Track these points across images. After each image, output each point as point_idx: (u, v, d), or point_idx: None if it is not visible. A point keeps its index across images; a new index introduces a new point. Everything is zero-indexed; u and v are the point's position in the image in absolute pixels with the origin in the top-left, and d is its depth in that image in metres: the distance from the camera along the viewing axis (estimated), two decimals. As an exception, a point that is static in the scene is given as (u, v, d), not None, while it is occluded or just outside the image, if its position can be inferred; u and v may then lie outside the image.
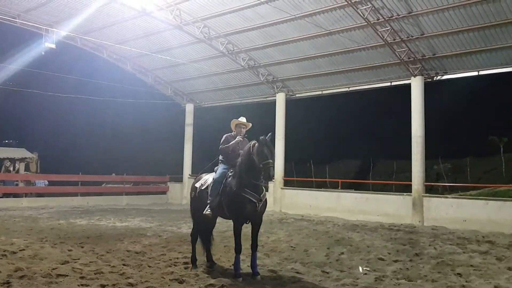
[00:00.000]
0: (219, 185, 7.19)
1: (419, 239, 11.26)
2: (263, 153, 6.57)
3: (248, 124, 7.67)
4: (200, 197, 7.59)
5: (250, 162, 6.73)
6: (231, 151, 7.37)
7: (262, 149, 6.60)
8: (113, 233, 11.46)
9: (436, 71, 15.80)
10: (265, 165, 6.54)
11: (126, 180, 23.49)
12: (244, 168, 6.81)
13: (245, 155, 6.88)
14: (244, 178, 6.81)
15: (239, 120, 7.64)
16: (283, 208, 18.57)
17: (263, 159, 6.55)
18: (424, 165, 15.66)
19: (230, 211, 7.05)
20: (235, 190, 6.85)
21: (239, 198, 6.79)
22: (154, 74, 22.64)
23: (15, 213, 16.00)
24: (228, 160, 7.40)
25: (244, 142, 7.43)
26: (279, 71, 19.21)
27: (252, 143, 6.80)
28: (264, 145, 6.63)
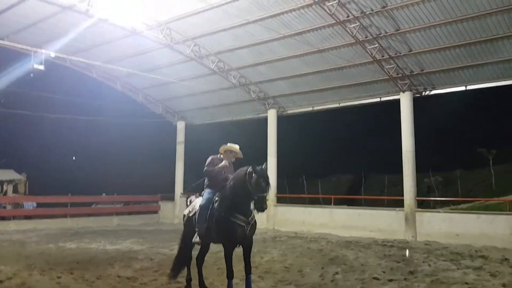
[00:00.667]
0: (205, 211, 7.08)
1: (413, 255, 11.24)
2: (261, 185, 6.39)
3: (239, 152, 7.48)
4: (189, 224, 7.50)
5: (243, 190, 6.53)
6: (215, 174, 7.23)
7: (259, 181, 6.40)
8: (104, 257, 11.24)
9: (424, 87, 15.97)
10: (260, 198, 6.39)
11: (116, 200, 23.21)
12: (235, 194, 6.64)
13: (238, 181, 6.65)
14: (233, 203, 6.67)
15: (230, 146, 7.45)
16: (276, 225, 18.46)
17: (260, 192, 6.40)
18: (415, 180, 15.70)
19: (219, 237, 6.91)
20: (223, 215, 6.72)
21: (227, 223, 6.65)
22: (144, 92, 22.57)
23: (2, 237, 15.68)
24: (213, 184, 7.28)
25: (230, 168, 7.35)
26: (270, 88, 19.27)
27: (248, 171, 6.54)
28: (261, 176, 6.44)
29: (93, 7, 14.43)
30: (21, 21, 16.06)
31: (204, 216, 7.06)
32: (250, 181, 6.44)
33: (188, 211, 7.61)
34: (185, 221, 7.63)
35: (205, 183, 7.48)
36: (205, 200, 7.22)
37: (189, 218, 7.51)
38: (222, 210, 6.75)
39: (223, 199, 6.83)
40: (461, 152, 24.55)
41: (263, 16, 14.42)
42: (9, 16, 15.52)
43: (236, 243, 6.80)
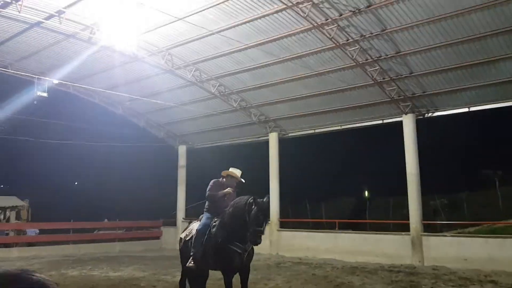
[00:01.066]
0: (202, 236, 7.00)
1: (421, 281, 11.00)
2: (259, 218, 6.32)
3: (241, 180, 7.43)
4: (185, 248, 7.40)
5: (241, 219, 6.46)
6: (218, 199, 7.17)
7: (258, 214, 6.33)
8: (106, 285, 11.10)
9: (427, 108, 15.91)
10: (256, 231, 6.31)
11: (118, 226, 23.03)
12: (233, 222, 6.57)
13: (237, 209, 6.59)
14: (231, 230, 6.61)
15: (232, 172, 7.42)
16: (280, 250, 18.18)
17: (256, 225, 6.32)
18: (421, 203, 15.49)
19: (216, 263, 6.85)
20: (220, 242, 6.65)
21: (225, 250, 6.60)
22: (146, 117, 22.63)
23: (5, 264, 15.45)
24: (214, 209, 7.21)
25: (233, 196, 7.28)
26: (271, 111, 19.28)
27: (249, 201, 6.48)
28: (261, 210, 6.37)
29: (95, 35, 14.57)
30: (25, 49, 16.26)
31: (201, 241, 6.97)
32: (249, 213, 6.38)
33: (184, 234, 7.54)
34: (182, 245, 7.53)
35: (206, 207, 7.41)
36: (202, 225, 7.15)
37: (185, 242, 7.42)
38: (220, 236, 6.68)
39: (222, 225, 6.77)
40: (466, 174, 24.35)
41: (263, 40, 14.49)
42: (12, 44, 15.70)
43: (234, 270, 6.76)
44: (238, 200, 6.74)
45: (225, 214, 6.80)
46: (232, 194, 7.29)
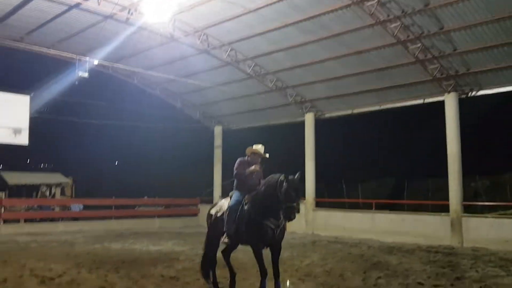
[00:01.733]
0: (234, 213, 7.19)
1: (460, 261, 10.84)
2: (290, 195, 6.47)
3: (265, 155, 7.58)
4: (215, 224, 7.60)
5: (273, 197, 6.64)
6: (245, 177, 7.35)
7: (289, 190, 6.48)
8: (147, 257, 11.50)
9: (470, 87, 15.39)
10: (289, 207, 6.47)
11: (158, 203, 23.72)
12: (266, 199, 6.76)
13: (269, 187, 6.78)
14: (264, 207, 6.79)
15: (256, 149, 7.54)
16: (315, 230, 18.26)
17: (289, 201, 6.47)
18: (461, 184, 15.13)
19: (248, 238, 7.05)
20: (254, 217, 6.85)
21: (258, 225, 6.79)
22: (182, 98, 22.95)
23: (51, 237, 16.29)
24: (242, 186, 7.39)
25: (260, 172, 7.46)
26: (307, 92, 19.15)
27: (280, 179, 6.65)
28: (292, 186, 6.51)
29: (132, 15, 14.81)
30: (65, 30, 16.63)
31: (233, 217, 7.16)
32: (281, 190, 6.55)
33: (215, 210, 7.71)
34: (212, 220, 7.72)
35: (234, 185, 7.59)
36: (234, 201, 7.31)
37: (216, 218, 7.62)
38: (253, 213, 6.87)
39: (255, 202, 6.96)
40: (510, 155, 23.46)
41: (300, 18, 14.33)
42: (54, 25, 16.10)
43: (265, 244, 6.96)
44: (270, 178, 6.92)
45: (258, 192, 7.00)
46: (259, 171, 7.46)
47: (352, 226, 17.07)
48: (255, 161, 7.46)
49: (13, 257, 11.13)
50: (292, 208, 6.45)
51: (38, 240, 15.45)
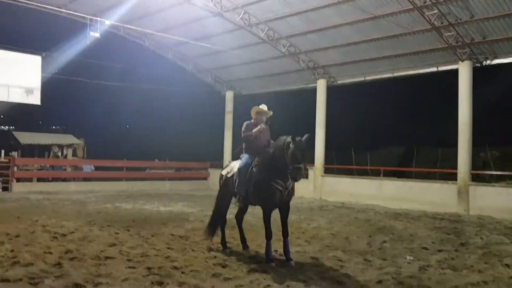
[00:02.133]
0: (244, 175, 7.33)
1: (465, 228, 10.97)
2: (296, 156, 6.52)
3: (270, 112, 7.67)
4: (226, 184, 7.80)
5: (281, 158, 6.72)
6: (253, 139, 7.45)
7: (295, 152, 6.53)
8: (157, 217, 11.77)
9: (485, 56, 15.15)
10: (295, 168, 6.53)
11: (168, 166, 24.03)
12: (274, 161, 6.86)
13: (277, 149, 6.87)
14: (272, 169, 6.89)
15: (260, 107, 7.65)
16: (323, 195, 18.48)
17: (295, 162, 6.53)
18: (471, 153, 15.15)
19: (257, 200, 7.21)
20: (262, 179, 6.98)
21: (266, 187, 6.91)
22: (194, 62, 22.86)
23: (64, 196, 16.70)
24: (251, 149, 7.50)
25: (267, 132, 7.57)
26: (320, 57, 18.97)
27: (287, 141, 6.71)
28: (298, 148, 6.56)
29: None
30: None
31: (244, 179, 7.31)
32: (287, 151, 6.62)
33: (226, 171, 7.89)
34: (223, 181, 7.92)
35: (243, 148, 7.69)
36: (243, 164, 7.45)
37: (227, 178, 7.80)
38: (262, 175, 7.00)
39: (263, 164, 7.07)
40: (521, 126, 23.25)
41: (315, -18, 14.09)
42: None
43: (274, 206, 7.09)
44: (277, 141, 7.02)
45: (266, 154, 7.11)
46: (266, 131, 7.59)
47: (359, 193, 17.24)
48: (260, 121, 7.55)
49: (26, 214, 11.42)
50: (299, 169, 6.52)
51: (50, 198, 15.85)
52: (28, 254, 6.90)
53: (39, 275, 5.74)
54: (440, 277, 6.34)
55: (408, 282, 5.96)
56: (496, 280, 6.14)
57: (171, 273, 6.11)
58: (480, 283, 5.99)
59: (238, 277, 6.10)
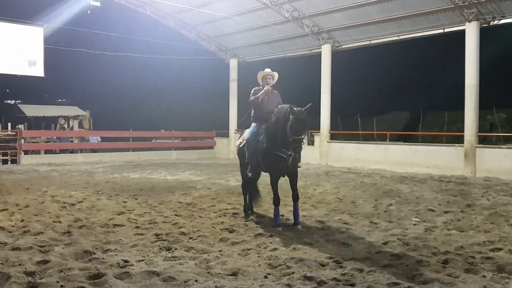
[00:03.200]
0: (252, 145, 7.35)
1: (471, 190, 10.97)
2: (296, 128, 6.37)
3: (274, 73, 7.56)
4: (240, 154, 7.91)
5: (282, 128, 6.60)
6: (260, 102, 7.36)
7: (295, 124, 6.37)
8: (165, 186, 11.88)
9: (493, 15, 14.78)
10: (294, 140, 6.39)
11: (174, 136, 24.10)
12: (276, 130, 6.78)
13: (279, 119, 6.75)
14: (275, 137, 6.83)
15: (264, 71, 7.58)
16: (329, 161, 18.50)
17: (295, 134, 6.38)
18: (478, 115, 15.01)
19: (265, 167, 7.28)
20: (266, 147, 6.97)
21: (270, 155, 6.93)
22: (197, 29, 22.55)
23: (71, 167, 16.86)
24: (258, 115, 7.44)
25: (274, 94, 7.48)
26: (324, 22, 18.61)
27: (289, 110, 6.53)
28: (298, 119, 6.38)
29: None
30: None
31: (252, 150, 7.34)
32: (287, 123, 6.50)
33: (239, 142, 7.95)
34: (238, 151, 8.05)
35: (252, 116, 7.63)
36: (250, 134, 7.46)
37: (240, 148, 7.89)
38: (265, 143, 6.99)
39: (267, 133, 7.04)
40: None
41: None
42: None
43: (280, 173, 7.13)
44: (280, 109, 6.93)
45: (271, 123, 7.02)
46: (275, 96, 7.48)
47: (365, 158, 17.24)
48: (267, 84, 7.44)
49: (35, 185, 11.56)
50: (298, 141, 6.40)
51: (58, 170, 16.01)
52: (38, 223, 7.01)
53: (49, 243, 5.85)
54: (446, 237, 6.38)
55: (414, 243, 6.00)
56: (501, 240, 6.17)
57: (179, 239, 6.21)
58: (486, 243, 6.02)
59: (245, 241, 6.18)
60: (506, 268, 4.89)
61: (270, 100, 7.40)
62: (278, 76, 7.60)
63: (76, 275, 4.55)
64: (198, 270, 4.85)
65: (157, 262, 5.10)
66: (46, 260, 4.99)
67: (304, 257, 5.27)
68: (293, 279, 4.54)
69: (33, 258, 5.10)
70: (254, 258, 5.34)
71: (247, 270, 4.84)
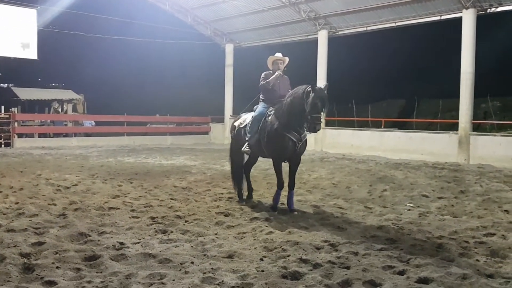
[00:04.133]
0: (258, 123, 7.18)
1: (465, 177, 11.05)
2: (316, 105, 6.32)
3: (285, 58, 7.45)
4: (238, 135, 7.71)
5: (299, 107, 6.51)
6: (271, 87, 7.23)
7: (316, 101, 6.32)
8: (160, 170, 11.87)
9: (490, 3, 14.76)
10: (314, 118, 6.34)
11: (169, 121, 24.02)
12: (291, 111, 6.65)
13: (296, 98, 6.61)
14: (288, 119, 6.70)
15: (275, 56, 7.46)
16: (324, 147, 18.55)
17: (314, 112, 6.33)
18: (472, 103, 15.08)
19: (269, 149, 7.05)
20: (276, 128, 6.79)
21: (279, 137, 6.76)
22: (193, 13, 22.33)
23: (65, 151, 16.79)
24: (268, 98, 7.30)
25: (284, 79, 7.35)
26: (321, 7, 18.49)
27: (307, 90, 6.47)
28: (318, 97, 6.34)
29: None
30: None
31: (256, 127, 7.18)
32: (307, 100, 6.41)
33: (239, 122, 7.77)
34: (235, 132, 7.85)
35: (260, 98, 7.51)
36: (258, 112, 7.31)
37: (239, 129, 7.72)
38: (277, 124, 6.80)
39: (279, 114, 6.88)
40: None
41: None
42: None
43: (285, 157, 6.96)
44: (296, 90, 6.76)
45: (283, 103, 6.87)
46: (285, 82, 7.36)
47: (360, 144, 17.30)
48: (277, 70, 7.32)
49: (29, 168, 11.51)
50: (318, 118, 6.36)
51: (52, 153, 15.94)
52: (32, 205, 7.00)
53: (44, 225, 5.84)
54: (439, 223, 6.43)
55: (408, 228, 6.06)
56: (494, 225, 6.22)
57: (175, 222, 6.22)
58: (480, 228, 6.07)
59: (241, 224, 6.20)
60: (500, 253, 4.95)
61: (281, 85, 7.28)
62: (288, 60, 7.47)
63: (72, 257, 4.55)
64: (194, 252, 4.87)
65: (153, 245, 5.11)
66: (41, 242, 4.99)
67: (300, 240, 5.30)
68: (289, 261, 4.56)
69: (28, 239, 5.09)
70: (250, 241, 5.36)
71: (243, 252, 4.86)
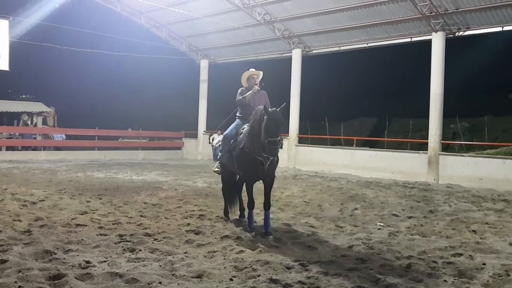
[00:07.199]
0: (229, 141, 7.06)
1: (434, 196, 11.25)
2: (270, 129, 6.07)
3: (259, 72, 7.36)
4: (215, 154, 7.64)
5: (258, 130, 6.30)
6: (248, 101, 7.11)
7: (269, 123, 6.08)
8: (130, 186, 11.66)
9: (458, 27, 15.28)
10: (271, 142, 6.05)
11: (142, 135, 23.75)
12: (252, 133, 6.47)
13: (256, 120, 6.41)
14: (251, 141, 6.50)
15: (249, 71, 7.37)
16: (297, 165, 18.64)
17: (269, 136, 6.06)
18: (441, 123, 15.45)
19: (239, 169, 6.92)
20: (242, 147, 6.64)
21: (246, 157, 6.58)
22: (168, 28, 22.32)
23: (34, 165, 16.35)
24: (244, 114, 7.16)
25: (261, 94, 7.21)
26: (295, 26, 18.77)
27: (263, 112, 6.25)
28: (272, 119, 6.09)
29: None
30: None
31: (228, 146, 7.10)
32: (262, 124, 6.21)
33: (217, 140, 7.70)
34: (214, 150, 7.76)
35: (237, 114, 7.42)
36: (230, 129, 7.25)
37: (215, 148, 7.65)
38: (244, 144, 6.66)
39: (247, 134, 6.71)
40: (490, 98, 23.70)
41: None
42: None
43: (255, 177, 6.78)
44: (256, 110, 6.59)
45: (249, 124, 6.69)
46: (262, 95, 7.22)
47: (332, 162, 17.45)
48: (253, 85, 7.22)
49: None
50: (274, 143, 6.05)
51: (19, 167, 15.50)
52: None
53: (7, 242, 5.62)
54: (409, 242, 6.50)
55: (378, 247, 6.09)
56: (462, 245, 6.32)
57: (144, 240, 6.08)
58: (448, 248, 6.16)
59: (211, 243, 6.11)
60: (467, 273, 5.02)
61: (257, 100, 7.09)
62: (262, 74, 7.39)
63: (36, 276, 4.38)
64: (162, 272, 4.76)
65: (120, 264, 4.98)
66: (3, 260, 4.79)
67: (270, 259, 5.26)
68: (259, 282, 4.52)
69: (-11, 258, 4.89)
70: (220, 261, 5.28)
71: (213, 272, 4.79)
